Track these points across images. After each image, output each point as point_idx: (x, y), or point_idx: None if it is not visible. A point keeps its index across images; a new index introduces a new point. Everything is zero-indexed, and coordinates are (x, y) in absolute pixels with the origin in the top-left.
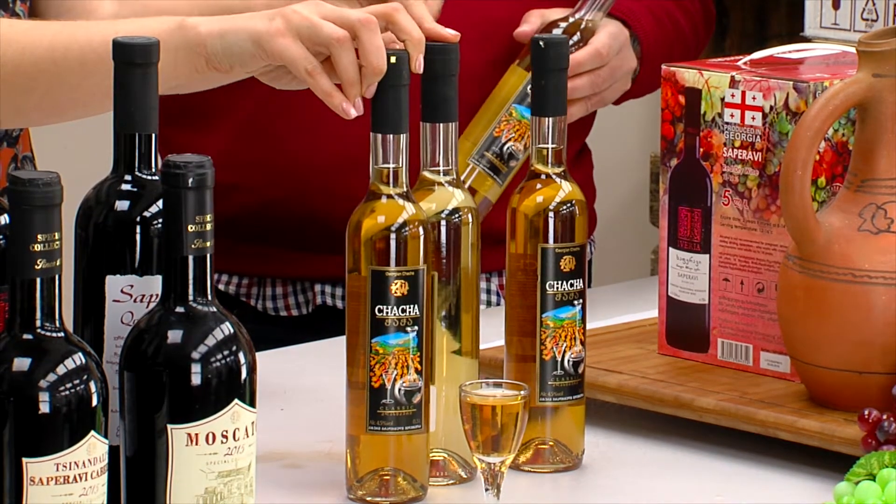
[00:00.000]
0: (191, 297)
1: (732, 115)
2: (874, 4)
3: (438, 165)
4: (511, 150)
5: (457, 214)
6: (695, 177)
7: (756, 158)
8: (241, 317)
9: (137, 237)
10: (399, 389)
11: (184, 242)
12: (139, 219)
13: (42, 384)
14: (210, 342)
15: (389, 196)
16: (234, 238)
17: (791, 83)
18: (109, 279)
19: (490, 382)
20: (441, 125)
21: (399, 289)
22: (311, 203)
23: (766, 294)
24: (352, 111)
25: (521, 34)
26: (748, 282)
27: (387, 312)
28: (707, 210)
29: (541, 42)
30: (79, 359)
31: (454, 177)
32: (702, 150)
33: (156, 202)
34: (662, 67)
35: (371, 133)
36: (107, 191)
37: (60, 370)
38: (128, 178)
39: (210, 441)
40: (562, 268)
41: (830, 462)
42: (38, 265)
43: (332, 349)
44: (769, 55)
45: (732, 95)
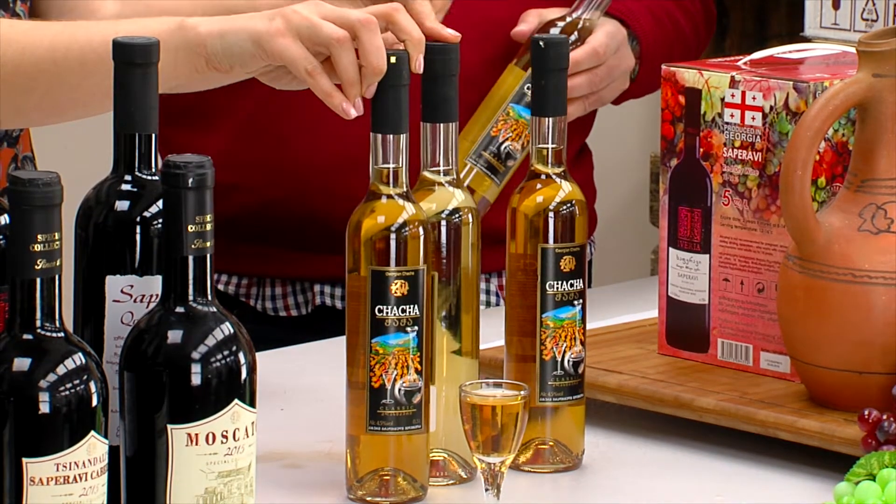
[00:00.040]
0: (191, 298)
1: (732, 115)
2: (874, 4)
3: (438, 165)
4: (508, 150)
5: (457, 214)
6: (695, 177)
7: (756, 158)
8: (241, 317)
9: (137, 237)
10: (399, 389)
11: (184, 242)
12: (139, 219)
13: (42, 384)
14: (210, 342)
15: (389, 196)
16: (234, 238)
17: (791, 83)
18: (109, 279)
19: (490, 382)
20: (441, 125)
21: (399, 289)
22: (311, 203)
23: (766, 294)
24: (352, 111)
25: (519, 33)
26: (748, 282)
27: (387, 312)
28: (707, 210)
29: (541, 42)
30: (79, 359)
31: (454, 177)
32: (702, 150)
33: (156, 202)
34: (662, 67)
35: (371, 133)
36: (107, 191)
37: (60, 370)
38: (128, 178)
39: (210, 441)
40: (562, 268)
41: (830, 462)
42: (38, 265)
43: (332, 349)
44: (769, 55)
45: (732, 95)
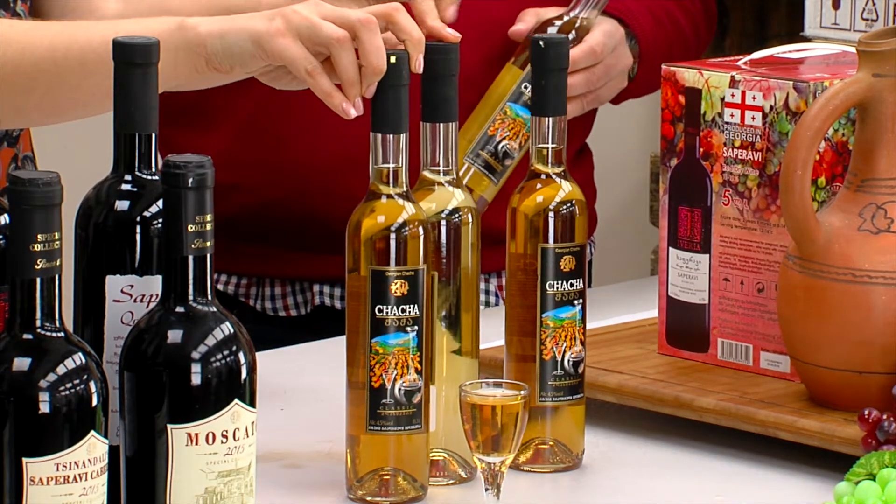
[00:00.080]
0: (191, 297)
1: (732, 115)
2: (874, 4)
3: (438, 165)
4: (506, 149)
5: (457, 214)
6: (695, 177)
7: (756, 158)
8: (240, 317)
9: (137, 237)
10: (399, 389)
11: (184, 242)
12: (139, 219)
13: (42, 384)
14: (210, 342)
15: (389, 196)
16: (234, 238)
17: (791, 83)
18: (109, 279)
19: (490, 382)
20: (441, 125)
21: (399, 289)
22: (311, 203)
23: (766, 294)
24: (352, 111)
25: (516, 32)
26: (748, 282)
27: (387, 312)
28: (707, 210)
29: (541, 42)
30: (79, 359)
31: (454, 177)
32: (702, 150)
33: (156, 202)
34: (662, 67)
35: (371, 133)
36: (107, 191)
37: (60, 370)
38: (128, 178)
39: (210, 441)
40: (562, 268)
41: (830, 462)
42: (38, 265)
43: (332, 349)
44: (769, 55)
45: (732, 95)
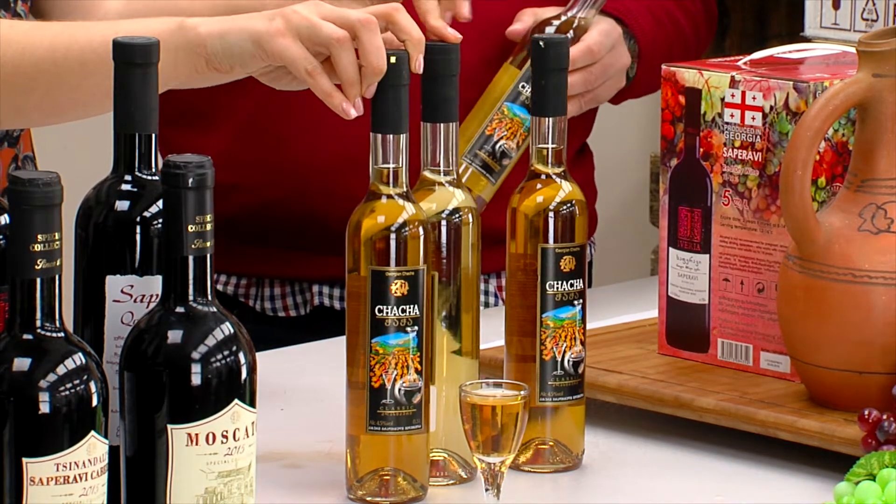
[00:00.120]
0: (191, 298)
1: (732, 115)
2: (874, 4)
3: (439, 165)
4: (504, 149)
5: (457, 214)
6: (695, 177)
7: (756, 158)
8: (240, 317)
9: (137, 237)
10: (399, 389)
11: (184, 242)
12: (139, 219)
13: (42, 384)
14: (210, 342)
15: (389, 196)
16: (234, 238)
17: (791, 83)
18: (109, 279)
19: (490, 382)
20: (441, 125)
21: (399, 289)
22: (311, 203)
23: (766, 294)
24: (352, 111)
25: (514, 32)
26: (748, 282)
27: (387, 312)
28: (707, 210)
29: (541, 42)
30: (79, 359)
31: (454, 177)
32: (702, 150)
33: (156, 202)
34: (662, 67)
35: (371, 133)
36: (107, 191)
37: (60, 370)
38: (128, 178)
39: (210, 441)
40: (562, 268)
41: (830, 462)
42: (38, 265)
43: (332, 349)
44: (769, 55)
45: (732, 95)
